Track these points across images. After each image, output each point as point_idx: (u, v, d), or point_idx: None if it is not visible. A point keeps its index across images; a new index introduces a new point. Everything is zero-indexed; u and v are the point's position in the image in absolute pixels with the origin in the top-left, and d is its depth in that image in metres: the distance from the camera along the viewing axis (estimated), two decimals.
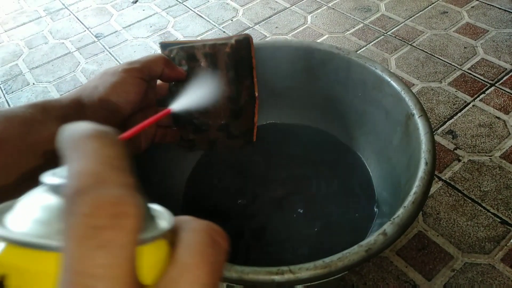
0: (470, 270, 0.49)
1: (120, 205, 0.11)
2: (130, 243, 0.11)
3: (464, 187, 0.57)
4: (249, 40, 0.38)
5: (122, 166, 0.12)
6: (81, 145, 0.12)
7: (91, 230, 0.11)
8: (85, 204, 0.11)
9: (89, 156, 0.12)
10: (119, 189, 0.11)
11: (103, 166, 0.12)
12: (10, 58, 0.93)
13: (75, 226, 0.11)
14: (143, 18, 1.00)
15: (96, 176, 0.11)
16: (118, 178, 0.12)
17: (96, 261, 0.10)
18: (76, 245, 0.11)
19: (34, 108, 0.28)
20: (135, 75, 0.33)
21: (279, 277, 0.30)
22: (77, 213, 0.11)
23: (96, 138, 0.12)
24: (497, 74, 0.74)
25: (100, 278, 0.10)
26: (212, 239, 0.13)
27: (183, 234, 0.13)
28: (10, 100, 0.81)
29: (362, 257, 0.31)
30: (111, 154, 0.12)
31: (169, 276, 0.12)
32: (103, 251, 0.11)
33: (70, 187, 0.11)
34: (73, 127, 0.13)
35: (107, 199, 0.11)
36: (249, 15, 0.96)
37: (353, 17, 0.91)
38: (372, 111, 0.49)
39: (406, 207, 0.34)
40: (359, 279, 0.49)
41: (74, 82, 0.84)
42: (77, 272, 0.10)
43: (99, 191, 0.11)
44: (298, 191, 0.51)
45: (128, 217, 0.11)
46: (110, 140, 0.13)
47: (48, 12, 1.07)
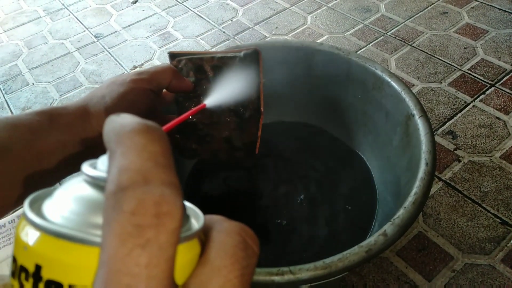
0: (470, 271, 0.49)
1: (164, 204, 0.11)
2: (171, 244, 0.11)
3: (464, 187, 0.57)
4: (257, 54, 0.39)
5: (167, 164, 0.12)
6: (128, 139, 0.12)
7: (135, 228, 0.10)
8: (130, 202, 0.11)
9: (136, 152, 0.11)
10: (164, 188, 0.11)
11: (149, 163, 0.11)
12: (10, 58, 0.92)
13: (118, 223, 0.10)
14: (143, 18, 1.00)
15: (142, 173, 0.11)
16: (163, 176, 0.11)
17: (137, 259, 0.10)
18: (118, 242, 0.10)
19: (40, 116, 0.28)
20: (143, 86, 0.32)
21: (279, 277, 0.30)
22: (122, 210, 0.11)
23: (143, 133, 0.12)
24: (497, 74, 0.74)
25: (139, 277, 0.10)
26: (244, 242, 0.13)
27: (215, 234, 0.13)
28: (10, 100, 0.81)
29: (362, 258, 0.31)
30: (157, 150, 0.12)
31: (200, 277, 0.12)
32: (145, 250, 0.10)
33: (115, 182, 0.11)
34: (120, 120, 0.13)
35: (152, 197, 0.11)
36: (249, 15, 0.96)
37: (353, 18, 0.91)
38: (372, 111, 0.49)
39: (406, 207, 0.34)
40: (359, 279, 0.49)
41: (73, 82, 0.84)
42: (116, 270, 0.10)
43: (144, 189, 0.11)
44: (298, 190, 0.51)
45: (171, 217, 0.11)
46: (156, 136, 0.12)
47: (48, 12, 1.07)
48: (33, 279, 0.12)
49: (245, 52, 0.38)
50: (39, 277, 0.11)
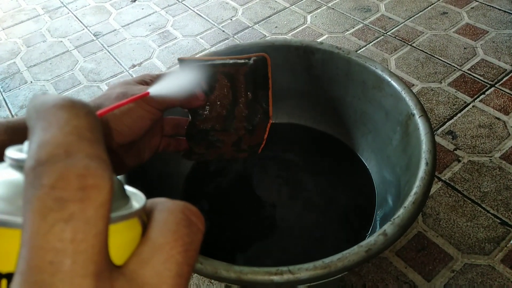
0: (470, 271, 0.49)
1: (89, 177, 0.10)
2: (99, 218, 0.10)
3: (464, 187, 0.57)
4: (266, 60, 0.39)
5: (93, 138, 0.11)
6: (49, 115, 0.11)
7: (55, 202, 0.10)
8: (49, 175, 0.10)
9: (57, 126, 0.11)
10: (89, 160, 0.10)
11: (72, 137, 0.11)
12: (8, 56, 0.92)
13: (36, 198, 0.10)
14: (142, 17, 1.00)
15: (64, 147, 0.10)
16: (88, 150, 0.11)
17: (60, 235, 0.10)
18: (38, 218, 0.10)
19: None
20: (154, 106, 0.33)
21: (278, 277, 0.30)
22: (41, 184, 0.10)
23: (67, 108, 0.11)
24: (497, 75, 0.73)
25: (63, 253, 0.10)
26: (187, 219, 0.13)
27: (157, 213, 0.13)
28: (8, 98, 0.81)
29: (362, 258, 0.31)
30: (82, 124, 0.11)
31: (140, 255, 0.12)
32: (68, 224, 0.10)
33: (34, 157, 0.10)
34: (41, 97, 0.12)
35: (74, 170, 0.10)
36: (248, 14, 0.96)
37: (353, 17, 0.91)
38: (372, 111, 0.49)
39: (406, 207, 0.34)
40: (358, 279, 0.49)
41: (72, 80, 0.83)
42: (38, 247, 0.10)
43: (66, 162, 0.10)
44: (298, 190, 0.51)
45: (98, 190, 0.10)
46: (82, 111, 0.11)
47: (47, 10, 1.07)
48: None
49: (254, 58, 0.39)
50: None
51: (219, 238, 0.47)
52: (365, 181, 0.51)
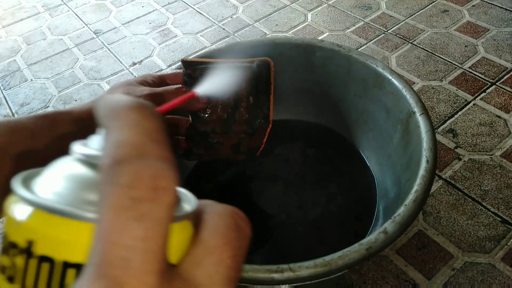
0: (470, 269, 0.49)
1: (160, 179, 0.11)
2: (166, 218, 0.11)
3: (465, 186, 0.57)
4: (269, 64, 0.39)
5: (161, 140, 0.12)
6: (123, 115, 0.12)
7: (131, 201, 0.10)
8: (126, 175, 0.11)
9: (131, 127, 0.12)
10: (160, 162, 0.11)
11: (145, 138, 0.11)
12: (8, 54, 0.92)
13: (114, 196, 0.10)
14: (143, 14, 1.00)
15: (138, 148, 0.11)
16: (158, 151, 0.11)
17: (132, 232, 0.10)
18: (114, 215, 0.10)
19: (43, 120, 0.28)
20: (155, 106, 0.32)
21: (279, 275, 0.30)
22: (118, 183, 0.10)
23: (138, 109, 0.12)
24: (498, 73, 0.73)
25: (134, 250, 0.10)
26: (236, 224, 0.13)
27: (208, 216, 0.13)
28: (8, 96, 0.81)
29: (362, 256, 0.30)
30: (152, 126, 0.12)
31: (193, 256, 0.12)
32: (140, 223, 0.10)
33: (111, 156, 0.11)
34: (114, 97, 0.13)
35: (148, 171, 0.11)
36: (249, 12, 0.96)
37: (353, 15, 0.91)
38: (372, 108, 0.49)
39: (407, 205, 0.34)
40: (358, 277, 0.49)
41: (72, 78, 0.83)
42: (111, 242, 0.10)
43: (140, 163, 0.11)
44: (298, 188, 0.51)
45: (167, 191, 0.11)
46: (150, 113, 0.12)
47: (47, 8, 1.07)
48: (25, 255, 0.11)
49: (258, 63, 0.39)
50: (31, 253, 0.11)
51: None
52: (366, 179, 0.51)
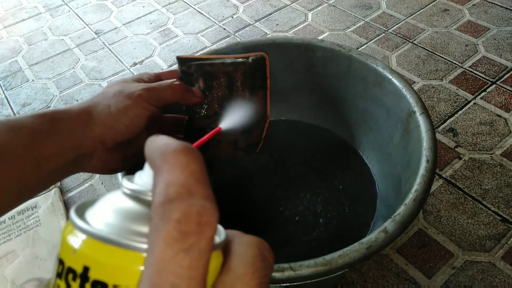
0: (470, 268, 0.49)
1: (205, 215, 0.12)
2: (208, 249, 0.12)
3: (465, 185, 0.57)
4: (265, 60, 0.39)
5: (205, 180, 0.14)
6: (172, 158, 0.13)
7: (180, 234, 0.12)
8: (177, 211, 0.12)
9: (180, 170, 0.13)
10: (205, 201, 0.13)
11: (192, 179, 0.13)
12: (10, 54, 0.92)
13: (166, 229, 0.12)
14: (143, 14, 1.00)
15: (186, 188, 0.13)
16: (203, 191, 0.13)
17: (181, 262, 0.12)
18: (165, 246, 0.12)
19: (41, 119, 0.28)
20: (151, 103, 0.32)
21: (280, 274, 0.30)
22: (170, 218, 0.12)
23: (185, 153, 0.14)
24: (498, 72, 0.73)
25: (182, 277, 0.12)
26: (262, 253, 0.15)
27: (236, 246, 0.15)
28: (9, 97, 0.81)
29: (363, 255, 0.31)
30: (197, 168, 0.14)
31: (224, 283, 0.14)
32: (188, 254, 0.12)
33: (163, 195, 0.13)
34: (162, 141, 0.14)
35: (196, 209, 0.12)
36: (249, 12, 0.96)
37: (353, 15, 0.91)
38: (373, 108, 0.49)
39: (407, 204, 0.34)
40: (359, 276, 0.49)
41: (73, 78, 0.84)
42: (162, 270, 0.12)
43: (189, 201, 0.12)
44: (298, 187, 0.51)
45: (210, 226, 0.12)
46: (195, 156, 0.14)
47: (48, 8, 1.07)
48: (81, 279, 0.13)
49: (253, 58, 0.39)
50: (87, 278, 0.13)
51: None
52: (366, 179, 0.51)
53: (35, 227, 0.56)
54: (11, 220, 0.58)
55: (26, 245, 0.55)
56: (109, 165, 0.33)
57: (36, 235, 0.56)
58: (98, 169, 0.32)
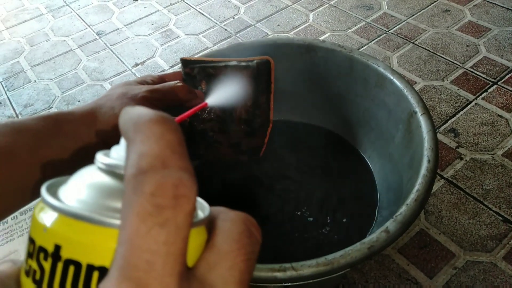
0: (472, 268, 0.49)
1: (182, 187, 0.12)
2: (186, 224, 0.12)
3: (466, 185, 0.57)
4: (270, 64, 0.39)
5: (182, 151, 0.13)
6: (146, 128, 0.13)
7: (154, 208, 0.11)
8: (150, 184, 0.11)
9: (154, 140, 0.12)
10: (181, 172, 0.12)
11: (167, 150, 0.12)
12: (12, 55, 0.93)
13: (139, 203, 0.11)
14: (145, 15, 1.00)
15: (161, 159, 0.12)
16: (179, 162, 0.12)
17: (156, 237, 0.11)
18: (139, 221, 0.11)
19: (46, 121, 0.28)
20: (154, 104, 0.32)
21: (282, 274, 0.30)
22: (142, 191, 0.11)
23: (160, 123, 0.13)
24: (500, 72, 0.73)
25: (157, 254, 0.11)
26: (248, 230, 0.14)
27: (221, 223, 0.14)
28: (12, 97, 0.81)
29: (364, 254, 0.31)
30: (173, 139, 0.13)
31: (208, 260, 0.13)
32: (163, 228, 0.11)
33: (135, 166, 0.12)
34: (137, 111, 0.14)
35: (171, 180, 0.11)
36: (251, 13, 0.96)
37: (355, 15, 0.91)
38: (374, 109, 0.49)
39: (408, 204, 0.34)
40: (361, 276, 0.49)
41: (75, 79, 0.84)
42: (136, 246, 0.11)
43: (163, 173, 0.12)
44: (299, 188, 0.51)
45: (187, 199, 0.12)
46: (172, 126, 0.13)
47: (50, 9, 1.07)
48: (52, 258, 0.12)
49: (258, 61, 0.38)
50: (58, 257, 0.12)
51: None
52: (367, 179, 0.51)
53: None
54: (13, 221, 0.58)
55: None
56: None
57: None
58: None
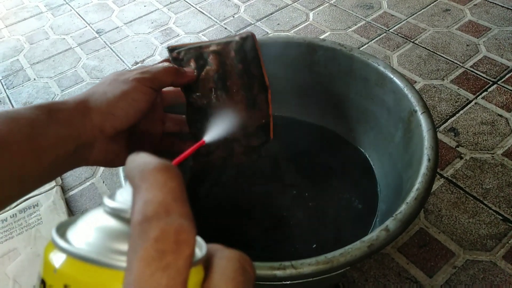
0: (471, 267, 0.49)
1: (183, 233, 0.13)
2: (186, 268, 0.13)
3: (466, 184, 0.57)
4: (252, 36, 0.39)
5: (184, 198, 0.14)
6: (151, 176, 0.14)
7: (158, 253, 0.12)
8: (155, 230, 0.12)
9: (158, 188, 0.13)
10: (182, 219, 0.13)
11: (170, 197, 0.13)
12: (11, 53, 0.92)
13: (143, 248, 0.12)
14: (145, 14, 1.00)
15: (164, 206, 0.13)
16: (181, 209, 0.13)
17: (159, 280, 0.12)
18: (143, 265, 0.12)
19: (39, 110, 0.28)
20: (146, 85, 0.32)
21: (281, 272, 0.30)
22: (147, 237, 0.12)
23: (163, 171, 0.14)
24: (500, 72, 0.73)
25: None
26: (243, 268, 0.15)
27: (217, 261, 0.15)
28: (11, 96, 0.81)
29: (364, 253, 0.31)
30: (175, 186, 0.14)
31: None
32: (165, 272, 0.12)
33: (141, 213, 0.13)
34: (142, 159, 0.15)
35: (173, 227, 0.13)
36: (250, 11, 0.96)
37: (355, 14, 0.91)
38: (374, 107, 0.49)
39: (408, 203, 0.34)
40: (360, 275, 0.49)
41: (75, 77, 0.84)
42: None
43: (166, 220, 0.13)
44: (299, 187, 0.51)
45: (187, 244, 0.13)
46: (174, 174, 0.14)
47: (49, 7, 1.07)
48: None
49: (240, 36, 0.39)
50: None
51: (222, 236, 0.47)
52: (367, 177, 0.51)
53: (37, 225, 0.57)
54: (12, 218, 0.58)
55: (28, 243, 0.55)
56: (111, 156, 0.32)
57: (38, 233, 0.56)
58: (101, 161, 0.32)
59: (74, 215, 0.59)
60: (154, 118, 0.37)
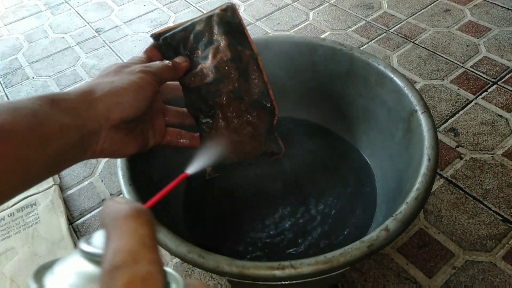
0: (471, 268, 0.49)
1: (149, 280, 0.13)
2: None
3: (466, 185, 0.57)
4: (232, 6, 0.40)
5: (153, 245, 0.15)
6: (122, 224, 0.15)
7: None
8: (122, 279, 0.13)
9: (128, 235, 0.14)
10: (150, 266, 0.14)
11: (138, 245, 0.14)
12: (10, 52, 0.92)
13: None
14: (144, 13, 1.00)
15: (132, 254, 0.14)
16: (149, 256, 0.14)
17: None
18: None
19: (42, 100, 0.27)
20: (151, 77, 0.33)
21: (280, 272, 0.30)
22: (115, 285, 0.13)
23: (135, 218, 0.15)
24: (500, 72, 0.73)
25: None
26: None
27: None
28: (10, 94, 0.81)
29: (364, 253, 0.31)
30: (146, 233, 0.15)
31: None
32: None
33: (110, 262, 0.14)
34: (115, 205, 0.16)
35: (140, 275, 0.13)
36: (250, 11, 0.96)
37: (355, 14, 0.91)
38: (374, 107, 0.49)
39: (408, 203, 0.34)
40: (359, 275, 0.49)
41: (74, 76, 0.83)
42: None
43: (134, 268, 0.13)
44: (299, 186, 0.51)
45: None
46: (145, 220, 0.15)
47: (48, 6, 1.07)
48: None
49: (220, 8, 0.40)
50: None
51: (222, 235, 0.47)
52: (367, 177, 0.51)
53: (35, 224, 0.56)
54: (10, 217, 0.58)
55: (25, 242, 0.54)
56: (117, 146, 0.32)
57: (36, 233, 0.55)
58: (107, 151, 0.32)
59: (72, 214, 0.59)
60: (155, 110, 0.37)
